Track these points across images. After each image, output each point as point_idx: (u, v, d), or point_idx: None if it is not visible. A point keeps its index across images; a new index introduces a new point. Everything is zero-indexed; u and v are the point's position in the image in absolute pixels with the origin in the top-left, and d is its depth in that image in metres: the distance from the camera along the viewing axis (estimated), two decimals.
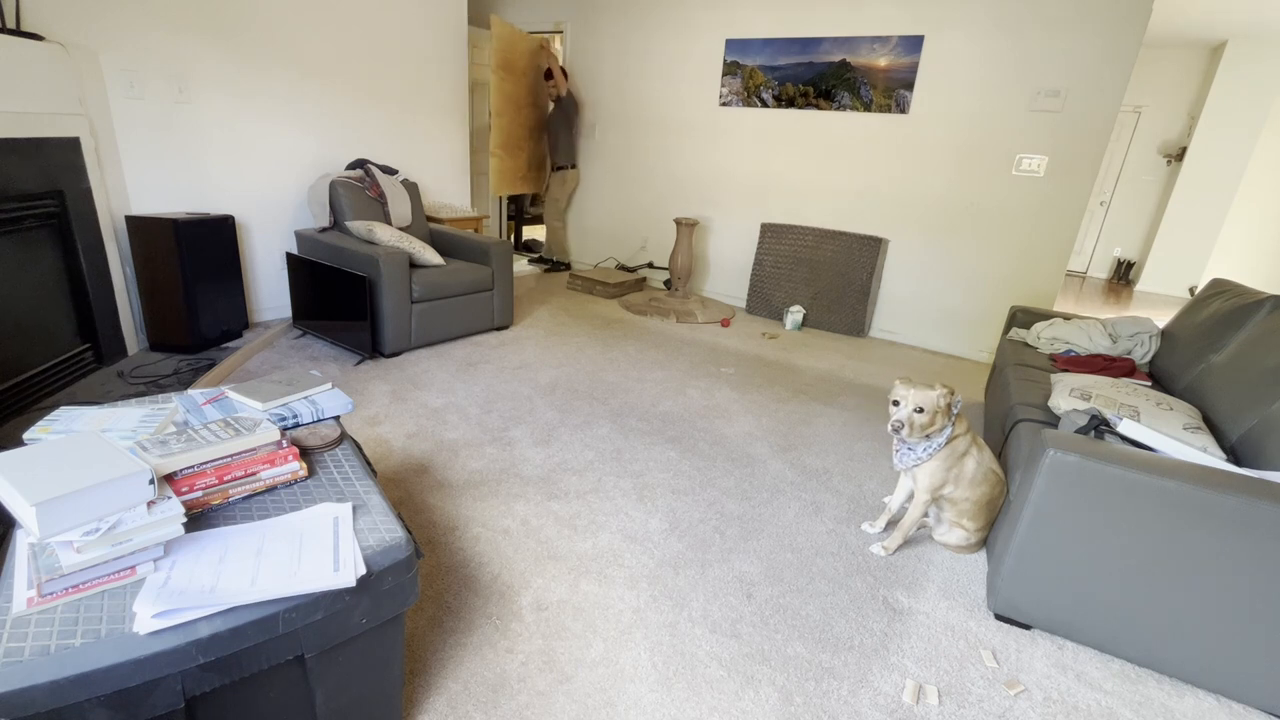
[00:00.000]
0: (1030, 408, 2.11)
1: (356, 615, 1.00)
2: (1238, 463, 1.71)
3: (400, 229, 3.60)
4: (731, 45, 4.48)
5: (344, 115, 3.74)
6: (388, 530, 1.10)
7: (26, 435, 1.17)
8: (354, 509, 1.15)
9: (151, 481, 0.96)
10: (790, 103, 4.34)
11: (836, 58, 4.10)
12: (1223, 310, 2.34)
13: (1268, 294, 2.25)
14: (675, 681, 1.41)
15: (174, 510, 0.97)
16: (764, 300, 4.61)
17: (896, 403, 1.74)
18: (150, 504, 0.96)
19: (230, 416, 1.27)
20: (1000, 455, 2.10)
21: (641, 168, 5.17)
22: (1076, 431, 1.77)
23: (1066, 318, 2.84)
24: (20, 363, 2.27)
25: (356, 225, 3.32)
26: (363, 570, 1.00)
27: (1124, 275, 7.34)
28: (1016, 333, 2.97)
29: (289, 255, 3.35)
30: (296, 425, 1.40)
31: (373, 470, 1.35)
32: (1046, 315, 3.00)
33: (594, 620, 1.57)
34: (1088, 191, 3.54)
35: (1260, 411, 1.75)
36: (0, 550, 0.98)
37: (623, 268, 5.39)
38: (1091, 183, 3.52)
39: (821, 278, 4.33)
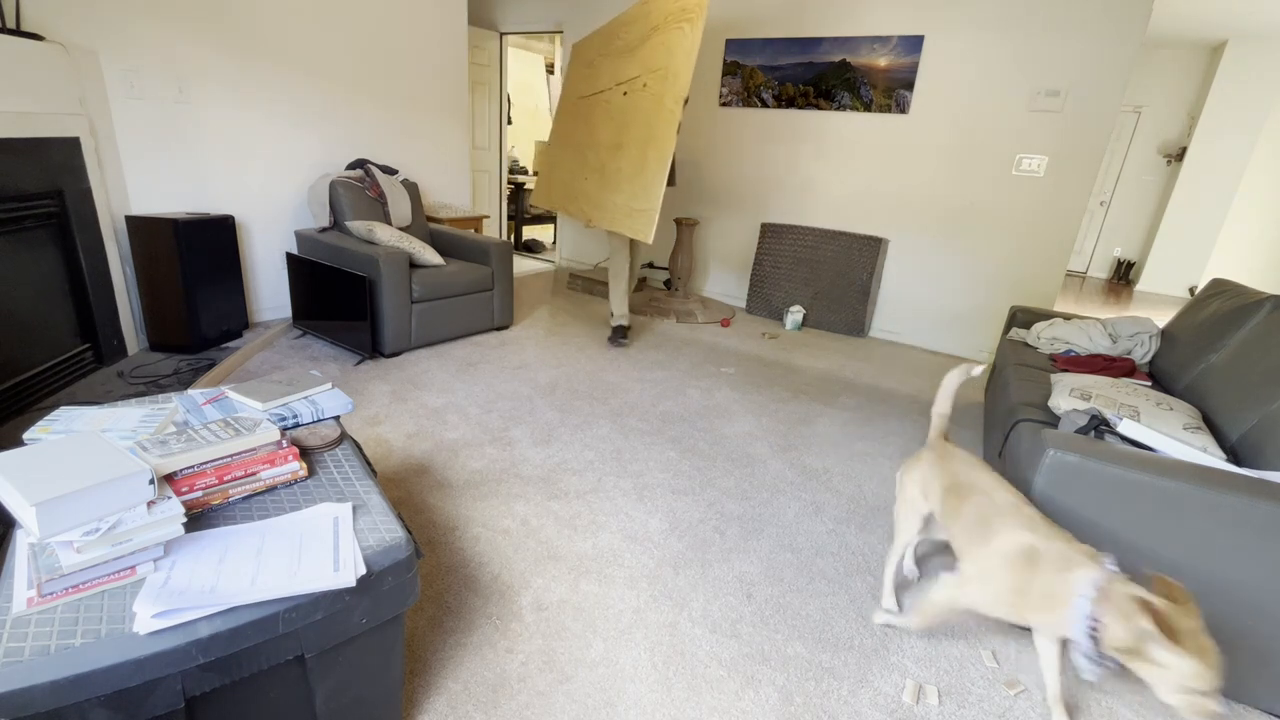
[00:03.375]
0: (1030, 408, 2.10)
1: (356, 615, 1.00)
2: (1238, 463, 1.71)
3: (400, 229, 3.60)
4: (731, 45, 4.48)
5: (344, 115, 3.74)
6: (388, 530, 1.10)
7: (26, 435, 1.17)
8: (354, 509, 1.15)
9: (151, 481, 0.96)
10: (790, 103, 4.34)
11: (836, 58, 4.10)
12: (1223, 310, 2.34)
13: (1268, 294, 2.25)
14: (675, 681, 1.41)
15: (174, 510, 0.97)
16: (764, 300, 4.60)
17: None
18: (150, 504, 0.96)
19: (230, 416, 1.27)
20: (1000, 455, 2.10)
21: None
22: (1076, 431, 1.77)
23: (1066, 318, 2.84)
24: (20, 363, 2.27)
25: (356, 225, 3.32)
26: (363, 570, 1.00)
27: (1124, 275, 7.34)
28: (1016, 333, 2.97)
29: (289, 255, 3.36)
30: (296, 425, 1.40)
31: (373, 470, 1.35)
32: (1046, 315, 3.00)
33: (594, 620, 1.57)
34: (1088, 191, 3.54)
35: (1260, 411, 1.75)
36: (0, 550, 0.98)
37: None
38: (1091, 183, 3.52)
39: (821, 278, 4.32)
